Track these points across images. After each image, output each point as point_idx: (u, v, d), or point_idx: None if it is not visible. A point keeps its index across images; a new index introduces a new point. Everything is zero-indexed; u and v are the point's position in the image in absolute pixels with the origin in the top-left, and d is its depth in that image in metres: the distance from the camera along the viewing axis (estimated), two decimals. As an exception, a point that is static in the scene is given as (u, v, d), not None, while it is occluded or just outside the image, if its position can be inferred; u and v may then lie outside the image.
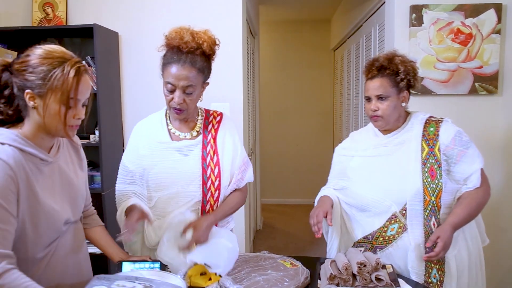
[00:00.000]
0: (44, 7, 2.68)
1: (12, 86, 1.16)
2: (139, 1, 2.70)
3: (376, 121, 1.64)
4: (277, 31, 5.59)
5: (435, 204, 1.55)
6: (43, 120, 1.14)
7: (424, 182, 1.55)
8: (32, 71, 1.12)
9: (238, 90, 2.71)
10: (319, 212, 1.60)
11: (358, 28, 3.81)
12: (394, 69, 1.60)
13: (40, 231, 1.17)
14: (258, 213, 4.56)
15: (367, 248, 1.64)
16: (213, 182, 1.56)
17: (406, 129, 1.64)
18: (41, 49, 1.16)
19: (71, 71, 1.13)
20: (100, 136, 2.44)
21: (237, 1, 2.67)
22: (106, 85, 2.54)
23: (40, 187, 1.16)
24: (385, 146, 1.65)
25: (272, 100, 5.61)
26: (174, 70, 1.46)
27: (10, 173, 1.07)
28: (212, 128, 1.63)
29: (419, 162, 1.57)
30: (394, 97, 1.60)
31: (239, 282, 1.41)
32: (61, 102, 1.13)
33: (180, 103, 1.48)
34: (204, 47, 1.49)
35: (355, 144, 1.77)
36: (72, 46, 2.70)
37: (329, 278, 1.39)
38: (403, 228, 1.57)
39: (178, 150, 1.57)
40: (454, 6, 2.44)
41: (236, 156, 1.64)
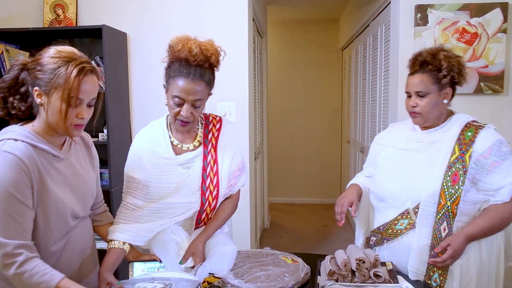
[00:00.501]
0: (55, 9, 2.74)
1: (27, 84, 1.21)
2: (146, 2, 2.75)
3: (414, 117, 1.61)
4: (286, 31, 5.61)
5: (450, 210, 1.49)
6: (47, 117, 1.19)
7: (443, 186, 1.50)
8: (41, 69, 1.17)
9: (244, 89, 2.74)
10: (344, 202, 1.64)
11: (365, 27, 3.81)
12: (436, 64, 1.54)
13: (50, 224, 1.21)
14: (265, 212, 4.59)
15: (378, 239, 1.67)
16: (211, 192, 1.55)
17: (444, 129, 1.59)
18: (52, 49, 1.21)
19: (74, 70, 1.15)
20: (108, 135, 2.49)
21: (242, 1, 2.70)
22: (115, 84, 2.59)
23: (51, 181, 1.20)
24: (418, 141, 1.62)
25: (280, 99, 5.64)
26: (183, 83, 1.42)
27: (24, 168, 1.12)
28: (212, 137, 1.61)
29: (445, 164, 1.52)
30: (435, 94, 1.56)
31: (240, 277, 1.44)
32: (62, 100, 1.16)
33: (188, 116, 1.45)
34: (212, 60, 1.46)
35: (391, 134, 1.75)
36: (81, 47, 2.79)
37: (328, 274, 1.41)
38: (412, 226, 1.56)
39: (181, 165, 1.54)
40: (460, 6, 2.44)
41: (234, 161, 1.62)
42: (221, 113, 2.72)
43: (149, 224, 1.50)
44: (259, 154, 3.91)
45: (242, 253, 1.66)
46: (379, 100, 3.21)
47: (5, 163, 1.11)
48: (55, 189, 1.21)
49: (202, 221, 1.57)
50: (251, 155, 2.99)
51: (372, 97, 3.49)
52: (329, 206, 5.51)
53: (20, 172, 1.12)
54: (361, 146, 3.98)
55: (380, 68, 3.19)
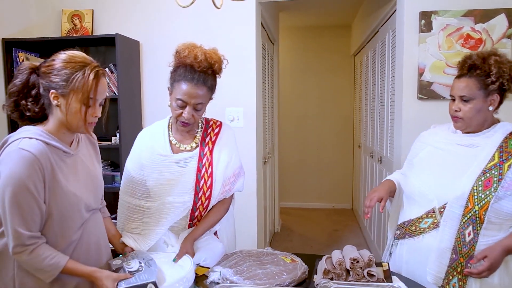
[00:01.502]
0: (72, 19, 2.88)
1: (38, 86, 1.32)
2: (158, 11, 2.86)
3: (456, 122, 1.58)
4: (298, 37, 5.68)
5: (478, 215, 1.45)
6: (66, 117, 1.29)
7: (473, 189, 1.46)
8: (57, 74, 1.27)
9: (252, 95, 2.82)
10: (375, 197, 1.66)
11: (375, 34, 3.85)
12: (486, 69, 1.49)
13: (65, 216, 1.31)
14: (276, 216, 4.63)
15: (401, 233, 1.68)
16: (204, 193, 1.62)
17: (486, 135, 1.54)
18: (65, 55, 1.31)
19: (91, 74, 1.27)
20: (120, 139, 2.60)
21: (250, 9, 2.78)
22: (127, 91, 2.70)
23: (63, 176, 1.30)
24: (458, 144, 1.58)
25: (292, 104, 5.69)
26: (185, 88, 1.52)
27: (38, 164, 1.22)
28: (210, 140, 1.68)
29: (480, 169, 1.48)
30: (480, 99, 1.50)
31: (239, 274, 1.50)
32: (81, 101, 1.27)
33: (189, 118, 1.56)
34: (215, 67, 1.57)
35: (432, 135, 1.72)
36: (97, 54, 2.92)
37: (323, 273, 1.46)
38: (435, 225, 1.54)
39: (177, 163, 1.63)
40: (464, 12, 2.47)
41: (230, 166, 1.68)
42: (229, 118, 2.80)
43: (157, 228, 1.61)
44: (269, 158, 3.97)
45: (244, 252, 1.72)
46: (387, 105, 3.24)
47: (22, 160, 1.21)
48: (66, 182, 1.31)
49: (195, 219, 1.66)
50: (259, 160, 3.06)
51: (381, 102, 3.52)
52: (341, 211, 5.54)
53: (35, 168, 1.21)
54: (371, 151, 4.00)
55: (388, 73, 3.22)
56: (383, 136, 3.39)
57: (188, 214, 1.65)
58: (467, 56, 1.56)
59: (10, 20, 2.74)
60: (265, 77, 3.64)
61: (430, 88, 2.53)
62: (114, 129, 2.76)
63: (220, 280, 1.47)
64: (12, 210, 1.21)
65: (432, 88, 2.52)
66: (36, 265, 1.24)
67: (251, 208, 2.87)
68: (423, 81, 2.54)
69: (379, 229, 3.56)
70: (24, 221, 1.22)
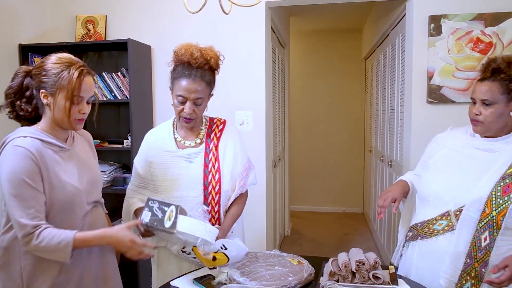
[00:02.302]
0: (86, 24, 2.95)
1: (32, 88, 1.41)
2: (170, 17, 2.91)
3: (475, 125, 1.55)
4: (309, 41, 5.69)
5: (495, 220, 1.42)
6: (53, 114, 1.38)
7: (491, 194, 1.44)
8: (45, 74, 1.36)
9: (261, 99, 2.84)
10: (388, 197, 1.66)
11: (385, 37, 3.85)
12: (510, 74, 1.47)
13: (66, 209, 1.38)
14: (286, 219, 4.64)
15: (413, 234, 1.66)
16: (213, 187, 1.67)
17: (506, 140, 1.52)
18: (54, 56, 1.41)
19: (75, 73, 1.35)
20: (132, 142, 2.64)
21: (260, 14, 2.81)
22: (139, 94, 2.75)
23: (61, 169, 1.38)
24: (476, 148, 1.56)
25: (303, 108, 5.71)
26: (184, 83, 1.60)
27: (33, 158, 1.30)
28: (215, 136, 1.74)
29: (499, 174, 1.45)
30: (502, 104, 1.48)
31: (246, 275, 1.52)
32: (66, 98, 1.35)
33: (190, 113, 1.63)
34: (211, 62, 1.64)
35: (449, 137, 1.70)
36: (109, 59, 2.98)
37: (329, 275, 1.47)
38: (450, 228, 1.52)
39: (183, 158, 1.69)
40: (474, 15, 2.46)
41: (237, 163, 1.73)
42: (239, 121, 2.83)
43: None
44: (279, 162, 3.99)
45: (251, 254, 1.74)
46: (397, 109, 3.24)
47: (17, 155, 1.30)
48: (64, 175, 1.38)
49: (209, 214, 1.69)
50: (268, 163, 3.08)
51: (391, 106, 3.52)
52: (352, 215, 5.52)
53: (30, 161, 1.30)
54: (381, 155, 3.99)
55: (398, 77, 3.22)
56: (393, 139, 3.39)
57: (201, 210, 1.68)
58: (491, 59, 1.54)
59: (27, 26, 2.82)
60: (275, 81, 3.66)
61: (439, 92, 2.53)
62: (126, 132, 2.81)
63: (227, 281, 1.49)
64: (14, 203, 1.28)
65: (441, 92, 2.52)
66: (48, 247, 1.29)
67: (260, 211, 2.89)
68: (433, 85, 2.54)
69: (389, 233, 3.55)
70: (26, 212, 1.28)
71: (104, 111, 2.99)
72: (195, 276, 1.55)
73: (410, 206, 1.78)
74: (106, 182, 2.71)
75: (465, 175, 1.54)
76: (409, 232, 1.71)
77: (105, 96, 2.75)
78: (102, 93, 2.76)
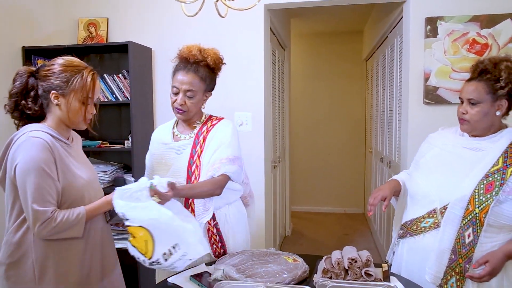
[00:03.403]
0: (88, 27, 3.00)
1: (37, 88, 1.48)
2: (170, 20, 2.95)
3: (462, 124, 1.60)
4: (310, 43, 5.73)
5: (478, 217, 1.47)
6: (67, 114, 1.47)
7: (475, 192, 1.48)
8: (57, 77, 1.45)
9: (260, 100, 2.88)
10: (378, 195, 1.70)
11: (384, 39, 3.88)
12: (496, 74, 1.51)
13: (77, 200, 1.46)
14: (287, 220, 4.67)
15: (403, 232, 1.71)
16: (196, 177, 1.72)
17: (492, 139, 1.56)
18: (62, 60, 1.50)
19: (88, 77, 1.48)
20: (132, 142, 2.69)
21: (259, 16, 2.85)
22: (139, 96, 2.80)
23: (70, 162, 1.48)
24: (464, 147, 1.60)
25: (304, 109, 5.74)
26: (179, 76, 1.73)
27: (49, 148, 1.39)
28: (206, 129, 1.80)
29: (483, 173, 1.50)
30: (487, 103, 1.53)
31: (241, 272, 1.55)
32: (81, 100, 1.47)
33: (182, 104, 1.73)
34: (208, 60, 1.73)
35: (440, 136, 1.75)
36: (111, 61, 3.03)
37: (322, 272, 1.51)
38: (436, 225, 1.57)
39: (175, 150, 1.80)
40: (469, 17, 2.49)
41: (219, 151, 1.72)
42: (238, 122, 2.87)
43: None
44: (279, 162, 4.02)
45: (248, 252, 1.77)
46: (395, 110, 3.27)
47: (35, 145, 1.37)
48: (74, 168, 1.48)
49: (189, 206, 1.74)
50: (268, 164, 3.11)
51: (390, 107, 3.54)
52: (352, 216, 5.53)
53: (47, 151, 1.38)
54: (381, 156, 4.01)
55: (396, 78, 3.25)
56: (392, 140, 3.41)
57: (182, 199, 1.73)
58: (480, 61, 1.59)
59: (30, 29, 2.88)
60: (275, 83, 3.70)
61: (436, 93, 2.56)
62: (127, 133, 2.85)
63: (223, 278, 1.53)
64: (33, 191, 1.35)
65: (438, 93, 2.55)
66: (64, 226, 1.39)
67: (259, 211, 2.92)
68: (429, 86, 2.57)
69: (388, 233, 3.57)
70: (44, 199, 1.36)
71: (105, 112, 3.04)
72: (192, 273, 1.59)
73: (402, 204, 1.81)
74: (107, 182, 2.75)
75: (452, 174, 1.58)
76: (400, 230, 1.75)
77: (107, 98, 2.79)
78: (103, 94, 2.80)
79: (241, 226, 1.92)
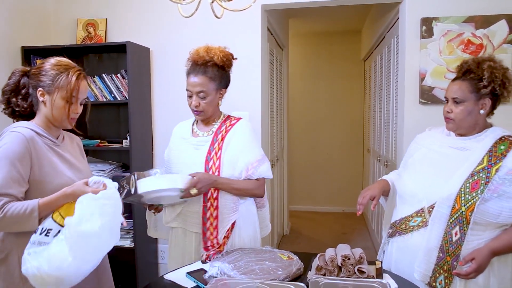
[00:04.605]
0: (87, 27, 3.02)
1: (28, 87, 1.54)
2: (168, 20, 2.98)
3: (447, 123, 1.65)
4: (308, 43, 5.75)
5: (464, 216, 1.50)
6: (51, 112, 1.50)
7: (461, 191, 1.52)
8: (44, 74, 1.50)
9: (257, 100, 2.90)
10: (367, 195, 1.74)
11: (382, 39, 3.90)
12: (479, 74, 1.56)
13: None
14: (285, 219, 4.70)
15: (392, 231, 1.74)
16: (213, 172, 1.80)
17: (477, 138, 1.60)
18: (53, 59, 1.55)
19: (73, 76, 1.50)
20: (130, 141, 2.71)
21: (256, 16, 2.87)
22: (137, 95, 2.82)
23: (55, 159, 1.51)
24: (450, 146, 1.64)
25: (302, 109, 5.76)
26: (190, 79, 1.81)
27: (26, 144, 1.42)
28: (225, 129, 1.87)
29: (469, 172, 1.54)
30: (471, 102, 1.57)
31: (237, 269, 1.57)
32: (65, 99, 1.49)
33: (196, 105, 1.80)
34: (215, 59, 1.79)
35: (427, 137, 1.79)
36: (109, 61, 3.05)
37: (316, 269, 1.53)
38: (424, 224, 1.60)
39: (193, 145, 1.87)
40: (465, 18, 2.51)
41: (243, 154, 1.84)
42: (235, 122, 2.89)
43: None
44: (277, 162, 4.05)
45: (243, 250, 1.80)
46: (392, 110, 3.29)
47: (13, 139, 1.41)
48: (58, 165, 1.50)
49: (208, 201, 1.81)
50: (265, 162, 3.13)
51: (387, 107, 3.57)
52: (351, 215, 5.56)
53: (22, 145, 1.41)
54: (378, 155, 4.04)
55: (393, 78, 3.27)
56: (389, 140, 3.44)
57: (201, 196, 1.79)
58: (464, 61, 1.64)
59: (29, 29, 2.90)
60: (273, 82, 3.72)
61: (431, 93, 2.58)
62: (125, 132, 2.88)
63: (218, 275, 1.55)
64: None
65: (433, 93, 2.57)
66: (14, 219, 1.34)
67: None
68: (424, 86, 2.59)
69: (385, 232, 3.59)
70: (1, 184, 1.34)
71: (104, 112, 3.06)
72: (189, 270, 1.61)
73: (392, 204, 1.84)
74: (106, 181, 2.77)
75: (439, 173, 1.62)
76: (389, 229, 1.78)
77: (105, 97, 2.81)
78: (102, 94, 2.82)
79: (248, 224, 1.94)
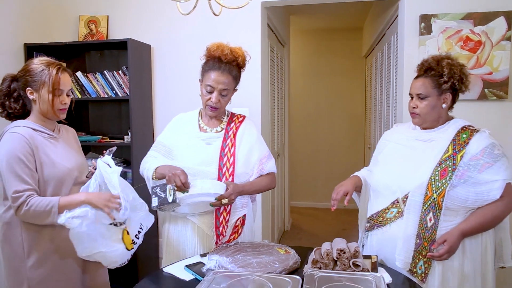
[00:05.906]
0: (89, 24, 3.05)
1: (18, 89, 1.69)
2: (169, 17, 3.00)
3: (413, 117, 1.76)
4: (309, 40, 5.76)
5: (436, 202, 1.60)
6: (39, 107, 1.65)
7: (431, 179, 1.62)
8: (29, 74, 1.65)
9: (257, 96, 2.93)
10: (341, 191, 1.83)
11: (382, 36, 3.91)
12: (439, 70, 1.67)
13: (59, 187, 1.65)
14: (286, 214, 4.73)
15: (370, 225, 1.82)
16: (227, 168, 1.83)
17: (441, 130, 1.72)
18: (36, 59, 1.69)
19: (53, 70, 1.64)
20: (132, 137, 2.74)
21: (256, 13, 2.89)
22: (139, 92, 2.85)
23: (51, 152, 1.66)
24: (417, 139, 1.75)
25: (304, 105, 5.78)
26: (214, 75, 1.79)
27: (26, 141, 1.59)
28: (234, 126, 1.93)
29: (436, 161, 1.65)
30: (434, 97, 1.69)
31: (234, 262, 1.60)
32: (49, 92, 1.63)
33: (216, 102, 1.81)
34: (239, 60, 1.84)
35: (394, 133, 1.91)
36: (111, 57, 3.08)
37: (312, 263, 1.56)
38: (400, 214, 1.69)
39: (203, 140, 1.88)
40: (463, 15, 2.52)
41: (254, 151, 1.90)
42: (235, 118, 2.91)
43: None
44: (278, 158, 4.07)
45: (242, 244, 1.83)
46: (392, 106, 3.30)
47: (14, 139, 1.58)
48: (54, 156, 1.66)
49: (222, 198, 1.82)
50: (265, 158, 3.15)
51: (387, 103, 3.58)
52: (351, 211, 5.53)
53: (24, 144, 1.58)
54: (378, 152, 4.05)
55: (393, 75, 3.29)
56: (388, 136, 3.44)
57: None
58: (424, 60, 1.76)
59: (32, 26, 2.93)
60: (274, 79, 3.74)
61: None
62: (126, 128, 2.91)
63: (216, 268, 1.58)
64: (10, 178, 1.55)
65: (431, 89, 2.58)
66: (37, 211, 1.54)
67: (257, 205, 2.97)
68: (423, 82, 2.60)
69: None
70: (19, 180, 1.54)
71: (105, 108, 3.10)
72: (187, 263, 1.64)
73: (365, 199, 1.92)
74: (108, 177, 2.81)
75: (409, 164, 1.72)
76: (366, 224, 1.85)
77: (107, 93, 2.85)
78: (103, 90, 2.86)
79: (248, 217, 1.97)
